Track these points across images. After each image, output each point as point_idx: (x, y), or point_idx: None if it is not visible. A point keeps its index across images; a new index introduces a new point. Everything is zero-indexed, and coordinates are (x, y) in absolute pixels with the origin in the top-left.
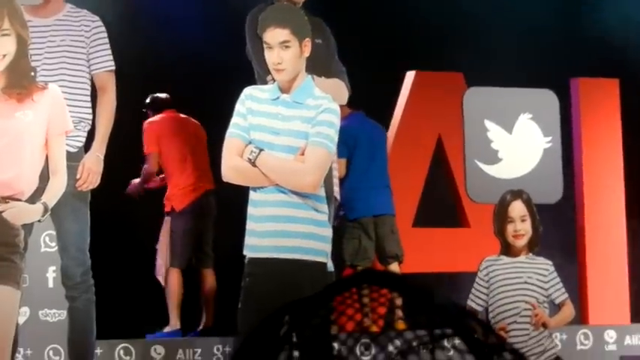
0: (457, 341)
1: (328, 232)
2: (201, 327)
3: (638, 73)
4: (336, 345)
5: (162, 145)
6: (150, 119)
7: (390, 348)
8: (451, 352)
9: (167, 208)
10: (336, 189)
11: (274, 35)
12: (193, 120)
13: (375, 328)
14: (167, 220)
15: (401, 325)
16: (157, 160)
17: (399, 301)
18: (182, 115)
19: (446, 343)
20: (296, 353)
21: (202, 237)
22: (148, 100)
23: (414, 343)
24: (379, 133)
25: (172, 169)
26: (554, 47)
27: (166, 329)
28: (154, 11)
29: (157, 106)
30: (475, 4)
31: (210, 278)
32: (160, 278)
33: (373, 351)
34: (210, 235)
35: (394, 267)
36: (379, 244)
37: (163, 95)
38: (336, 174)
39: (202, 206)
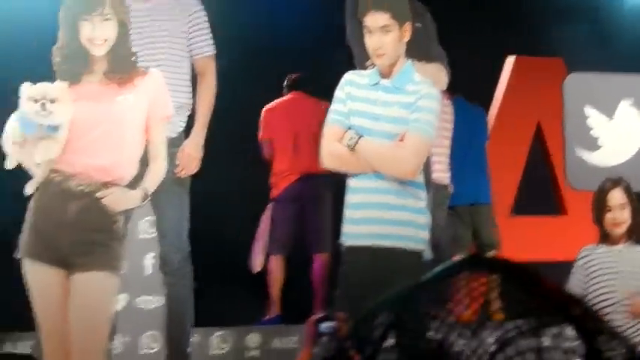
0: (566, 328)
1: (427, 219)
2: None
3: None
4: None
5: (272, 132)
6: (268, 105)
7: (491, 339)
8: (559, 339)
9: (270, 196)
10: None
11: (374, 19)
12: (312, 101)
13: (472, 318)
14: (269, 207)
15: (499, 316)
16: (269, 146)
17: (496, 292)
18: (304, 97)
19: (555, 329)
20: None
21: (304, 223)
22: (285, 82)
23: (515, 333)
24: (479, 118)
25: (276, 155)
26: None
27: (267, 316)
28: None
29: (289, 87)
30: None
31: (317, 263)
32: (254, 265)
33: (474, 342)
34: (316, 219)
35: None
36: (476, 233)
37: (294, 75)
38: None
39: (297, 191)
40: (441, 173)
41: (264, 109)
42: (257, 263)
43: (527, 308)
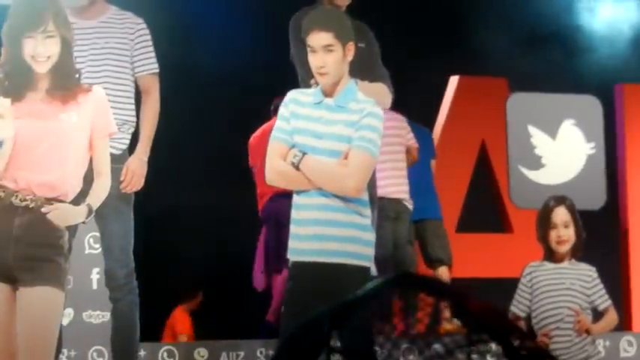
0: (494, 346)
1: (372, 236)
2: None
3: None
4: (376, 348)
5: (256, 159)
6: (255, 132)
7: (428, 352)
8: (488, 357)
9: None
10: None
11: (318, 39)
12: None
13: (420, 328)
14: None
15: (448, 326)
16: (256, 172)
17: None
18: None
19: (483, 347)
20: (336, 356)
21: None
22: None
23: (451, 347)
24: (425, 137)
25: (258, 179)
26: (599, 53)
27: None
28: (195, 14)
29: (274, 111)
30: (519, 9)
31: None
32: (258, 284)
33: (412, 355)
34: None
35: (442, 271)
36: (423, 248)
37: (279, 99)
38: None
39: (270, 211)
40: (400, 187)
41: (251, 137)
42: (260, 283)
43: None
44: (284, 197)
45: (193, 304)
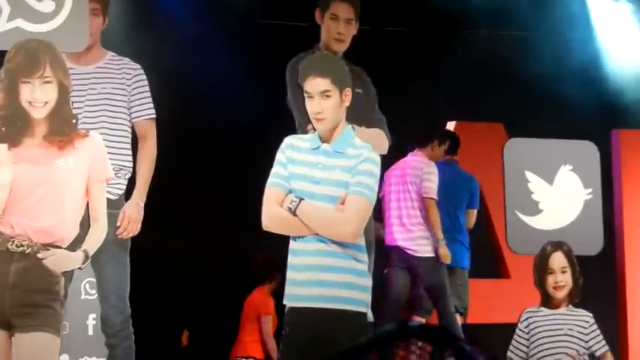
0: None
1: (368, 282)
2: None
3: None
4: None
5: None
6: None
7: None
8: None
9: None
10: None
11: (315, 84)
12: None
13: None
14: None
15: None
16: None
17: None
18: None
19: None
20: None
21: None
22: None
23: None
24: (469, 184)
25: None
26: (596, 99)
27: None
28: (193, 60)
29: None
30: (516, 54)
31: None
32: None
33: None
34: None
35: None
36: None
37: None
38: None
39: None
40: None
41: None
42: None
43: None
44: None
45: (274, 284)
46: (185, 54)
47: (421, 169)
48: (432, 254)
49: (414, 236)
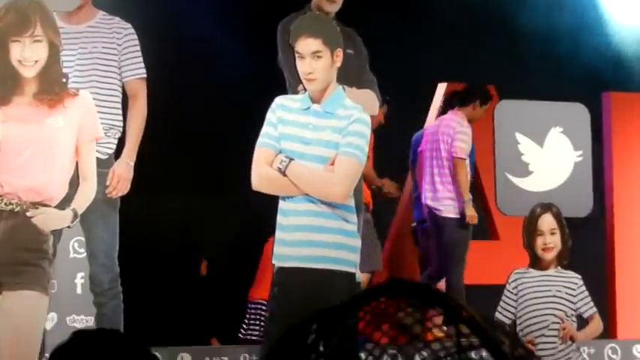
0: (484, 352)
1: (357, 242)
2: None
3: None
4: (362, 355)
5: None
6: None
7: (417, 359)
8: None
9: None
10: None
11: (306, 45)
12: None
13: (416, 330)
14: None
15: (439, 333)
16: None
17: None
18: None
19: (473, 354)
20: None
21: None
22: None
23: (441, 354)
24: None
25: None
26: (587, 60)
27: None
28: (184, 19)
29: None
30: (508, 16)
31: None
32: None
33: None
34: None
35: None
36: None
37: None
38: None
39: None
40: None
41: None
42: None
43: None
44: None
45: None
46: (175, 13)
47: (454, 128)
48: (456, 215)
49: (440, 196)
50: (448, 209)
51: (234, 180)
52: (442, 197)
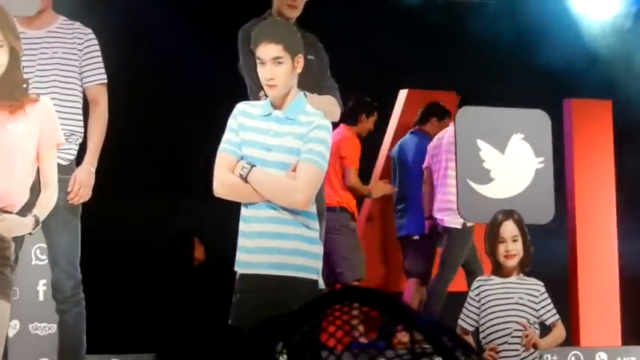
0: None
1: (319, 249)
2: None
3: (630, 94)
4: None
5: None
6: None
7: None
8: None
9: None
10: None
11: (267, 51)
12: (338, 136)
13: (364, 340)
14: None
15: (405, 339)
16: None
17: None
18: (344, 129)
19: None
20: None
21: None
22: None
23: None
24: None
25: None
26: (548, 68)
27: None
28: (145, 23)
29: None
30: (469, 22)
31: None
32: None
33: None
34: (337, 250)
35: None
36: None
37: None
38: None
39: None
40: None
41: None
42: None
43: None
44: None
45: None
46: (137, 19)
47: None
48: (457, 225)
49: (442, 207)
50: (451, 220)
51: (199, 184)
52: (444, 208)
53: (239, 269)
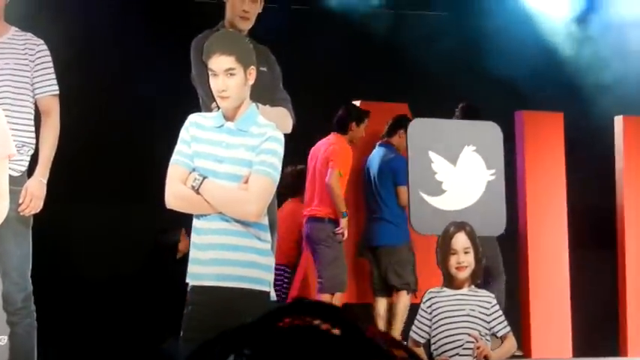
0: None
1: (271, 260)
2: None
3: (582, 106)
4: None
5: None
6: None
7: None
8: None
9: None
10: None
11: (219, 62)
12: (329, 144)
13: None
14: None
15: None
16: None
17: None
18: (335, 137)
19: None
20: None
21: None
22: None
23: None
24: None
25: None
26: (500, 79)
27: None
28: (98, 34)
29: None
30: (420, 34)
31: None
32: None
33: None
34: (321, 260)
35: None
36: (380, 274)
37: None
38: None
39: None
40: None
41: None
42: None
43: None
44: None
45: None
46: (90, 30)
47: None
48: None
49: None
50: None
51: (152, 192)
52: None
53: (191, 281)
